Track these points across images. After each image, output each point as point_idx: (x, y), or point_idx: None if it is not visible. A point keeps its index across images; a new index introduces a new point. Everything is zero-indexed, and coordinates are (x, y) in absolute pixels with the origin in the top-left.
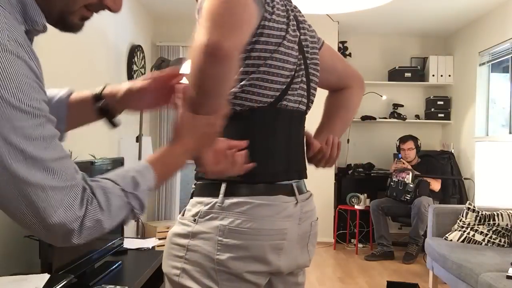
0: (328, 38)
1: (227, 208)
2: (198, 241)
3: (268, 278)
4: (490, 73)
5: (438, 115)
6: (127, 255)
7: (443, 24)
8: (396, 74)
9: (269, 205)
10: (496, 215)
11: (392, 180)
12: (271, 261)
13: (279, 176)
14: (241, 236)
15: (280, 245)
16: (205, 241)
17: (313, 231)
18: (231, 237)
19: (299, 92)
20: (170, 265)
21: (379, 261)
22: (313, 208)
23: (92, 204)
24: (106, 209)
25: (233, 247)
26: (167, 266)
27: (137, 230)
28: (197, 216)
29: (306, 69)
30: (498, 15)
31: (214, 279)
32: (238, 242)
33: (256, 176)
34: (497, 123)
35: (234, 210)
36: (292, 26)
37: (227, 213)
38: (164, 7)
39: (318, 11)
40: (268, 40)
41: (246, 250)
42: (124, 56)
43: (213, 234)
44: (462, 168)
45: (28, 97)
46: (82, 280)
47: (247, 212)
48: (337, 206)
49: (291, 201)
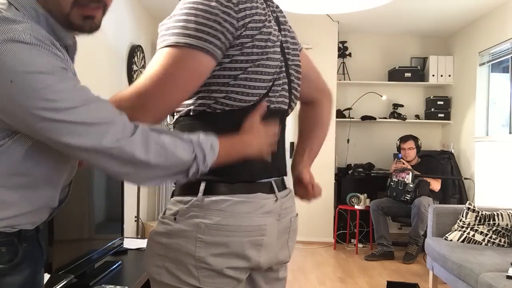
0: (328, 38)
1: (206, 206)
2: (178, 239)
3: (248, 273)
4: (490, 73)
5: (438, 115)
6: (127, 255)
7: (443, 24)
8: (396, 74)
9: (248, 202)
10: (496, 215)
11: (392, 180)
12: (251, 257)
13: (258, 175)
14: (220, 233)
15: (259, 241)
16: (185, 239)
17: (293, 227)
18: (211, 234)
19: (282, 93)
20: (151, 263)
21: (379, 261)
22: (292, 204)
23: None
24: (142, 141)
25: (212, 244)
26: (149, 265)
27: (137, 230)
28: (177, 214)
29: (287, 70)
30: (498, 15)
31: (195, 276)
32: (217, 239)
33: (235, 176)
34: (497, 123)
35: (213, 207)
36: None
37: (206, 211)
38: (164, 7)
39: (318, 11)
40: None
41: (225, 247)
42: (124, 56)
43: (193, 231)
44: (462, 168)
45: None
46: (82, 280)
47: (225, 209)
48: (337, 206)
49: (271, 198)
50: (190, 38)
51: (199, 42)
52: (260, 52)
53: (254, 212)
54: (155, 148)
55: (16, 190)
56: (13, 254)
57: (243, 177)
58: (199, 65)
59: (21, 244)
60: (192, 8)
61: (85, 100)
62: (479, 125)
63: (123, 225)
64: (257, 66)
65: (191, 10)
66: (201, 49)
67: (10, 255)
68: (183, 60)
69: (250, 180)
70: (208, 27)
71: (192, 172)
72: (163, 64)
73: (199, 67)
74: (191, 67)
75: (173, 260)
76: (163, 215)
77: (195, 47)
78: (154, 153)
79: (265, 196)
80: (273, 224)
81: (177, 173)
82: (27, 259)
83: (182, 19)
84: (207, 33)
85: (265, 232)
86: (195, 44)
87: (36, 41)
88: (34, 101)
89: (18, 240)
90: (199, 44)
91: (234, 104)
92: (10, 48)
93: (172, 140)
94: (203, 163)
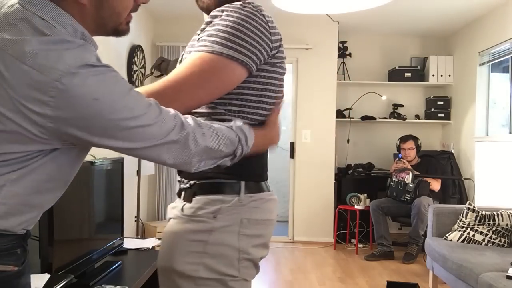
0: (328, 38)
1: (247, 204)
2: (221, 234)
3: None
4: (490, 73)
5: (438, 115)
6: (127, 255)
7: (443, 24)
8: (396, 74)
9: (272, 199)
10: (496, 215)
11: (392, 180)
12: (269, 246)
13: (266, 176)
14: (258, 227)
15: (271, 232)
16: (228, 233)
17: None
18: (251, 228)
19: None
20: (185, 261)
21: (379, 261)
22: None
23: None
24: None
25: (252, 236)
26: (181, 263)
27: (137, 230)
28: (217, 212)
29: None
30: (498, 15)
31: (235, 267)
32: (256, 232)
33: (261, 176)
34: (497, 123)
35: (252, 205)
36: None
37: (247, 208)
38: (164, 7)
39: (318, 11)
40: (278, 70)
41: (261, 238)
42: (124, 56)
43: (236, 226)
44: (462, 168)
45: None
46: (82, 280)
47: (261, 206)
48: (337, 206)
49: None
50: (232, 51)
51: (240, 55)
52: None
53: (274, 208)
54: (208, 132)
55: (44, 194)
56: (24, 255)
57: (263, 177)
58: (234, 76)
59: (26, 245)
60: (236, 22)
61: (147, 103)
62: (479, 125)
63: (123, 225)
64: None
65: (235, 24)
66: (241, 62)
67: (24, 257)
68: (222, 70)
69: (267, 178)
70: (250, 42)
71: (239, 153)
72: (203, 69)
73: (233, 78)
74: (227, 78)
75: (213, 255)
76: (184, 212)
77: (235, 60)
78: (210, 137)
79: (274, 193)
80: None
81: (227, 155)
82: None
83: (227, 30)
84: (248, 48)
85: (274, 224)
86: (236, 57)
87: (100, 63)
88: (118, 113)
89: (24, 241)
90: (240, 57)
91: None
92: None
93: (217, 125)
94: (246, 145)
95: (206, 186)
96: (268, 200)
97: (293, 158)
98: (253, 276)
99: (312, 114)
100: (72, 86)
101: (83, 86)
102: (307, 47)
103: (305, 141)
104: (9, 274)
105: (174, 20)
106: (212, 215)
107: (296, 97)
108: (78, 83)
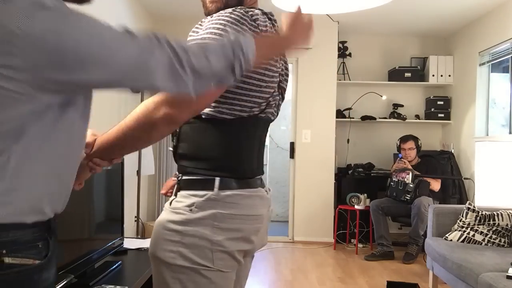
0: (328, 38)
1: (222, 200)
2: (196, 226)
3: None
4: (490, 73)
5: (438, 115)
6: (127, 255)
7: (443, 24)
8: (396, 74)
9: (253, 196)
10: (496, 215)
11: (392, 180)
12: (253, 240)
13: (256, 172)
14: (234, 221)
15: (258, 228)
16: (203, 226)
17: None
18: (226, 222)
19: (274, 104)
20: (163, 248)
21: (379, 261)
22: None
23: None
24: None
25: (227, 230)
26: (160, 250)
27: (137, 230)
28: (193, 206)
29: (279, 83)
30: (498, 15)
31: (209, 258)
32: (232, 226)
33: (242, 173)
34: (497, 123)
35: (227, 200)
36: None
37: (222, 203)
38: (164, 7)
39: (318, 11)
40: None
41: (238, 232)
42: None
43: (210, 220)
44: (462, 168)
45: None
46: (82, 280)
47: (237, 202)
48: (337, 206)
49: (265, 192)
50: None
51: None
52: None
53: (257, 204)
54: (194, 49)
55: (49, 161)
56: (47, 248)
57: (247, 174)
58: None
59: (50, 238)
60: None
61: (119, 29)
62: (479, 125)
63: (123, 225)
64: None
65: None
66: None
67: (46, 250)
68: None
69: (251, 176)
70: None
71: (237, 67)
72: None
73: None
74: None
75: (188, 245)
76: (170, 205)
77: None
78: (196, 55)
79: (262, 191)
80: (266, 213)
81: (222, 71)
82: (54, 253)
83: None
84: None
85: (262, 220)
86: None
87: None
88: (87, 42)
89: (48, 234)
90: None
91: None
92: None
93: (205, 43)
94: (244, 56)
95: (186, 182)
96: (249, 197)
97: (293, 158)
98: (231, 267)
99: (312, 114)
100: (31, 28)
101: (41, 24)
102: (307, 47)
103: (305, 141)
104: (29, 268)
105: (174, 20)
106: (188, 208)
107: (296, 97)
108: (35, 23)
